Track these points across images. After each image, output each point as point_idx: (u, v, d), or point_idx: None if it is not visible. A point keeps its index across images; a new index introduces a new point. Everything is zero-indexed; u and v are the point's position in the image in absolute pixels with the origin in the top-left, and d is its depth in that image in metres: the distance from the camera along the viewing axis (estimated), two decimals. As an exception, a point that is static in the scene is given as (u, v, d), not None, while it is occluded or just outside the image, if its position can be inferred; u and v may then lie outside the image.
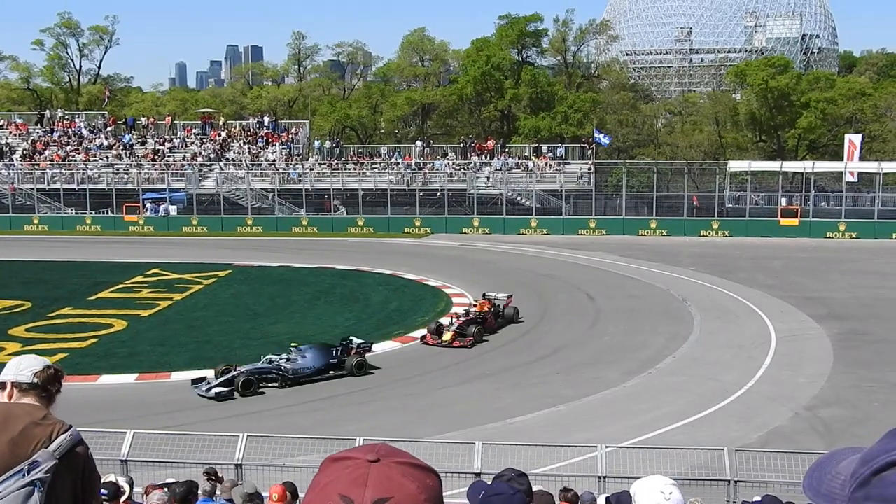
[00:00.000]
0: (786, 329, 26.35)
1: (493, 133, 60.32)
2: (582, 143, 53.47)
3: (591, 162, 50.70)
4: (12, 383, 3.38)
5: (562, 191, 48.38)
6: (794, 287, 32.75)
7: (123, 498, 7.96)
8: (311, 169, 51.75)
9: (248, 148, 54.50)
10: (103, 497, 6.74)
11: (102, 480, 7.61)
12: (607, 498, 7.84)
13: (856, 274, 35.53)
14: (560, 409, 19.43)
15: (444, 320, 26.19)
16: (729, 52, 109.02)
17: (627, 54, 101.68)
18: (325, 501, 1.51)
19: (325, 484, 1.53)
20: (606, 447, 13.42)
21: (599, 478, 12.96)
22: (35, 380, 3.39)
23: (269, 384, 20.86)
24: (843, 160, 49.14)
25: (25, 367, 3.40)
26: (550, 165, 50.64)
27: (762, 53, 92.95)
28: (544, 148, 52.83)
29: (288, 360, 21.31)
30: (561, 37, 66.22)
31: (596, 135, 51.28)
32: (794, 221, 45.76)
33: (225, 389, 20.10)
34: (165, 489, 7.47)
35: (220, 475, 10.56)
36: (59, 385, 3.51)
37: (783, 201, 47.36)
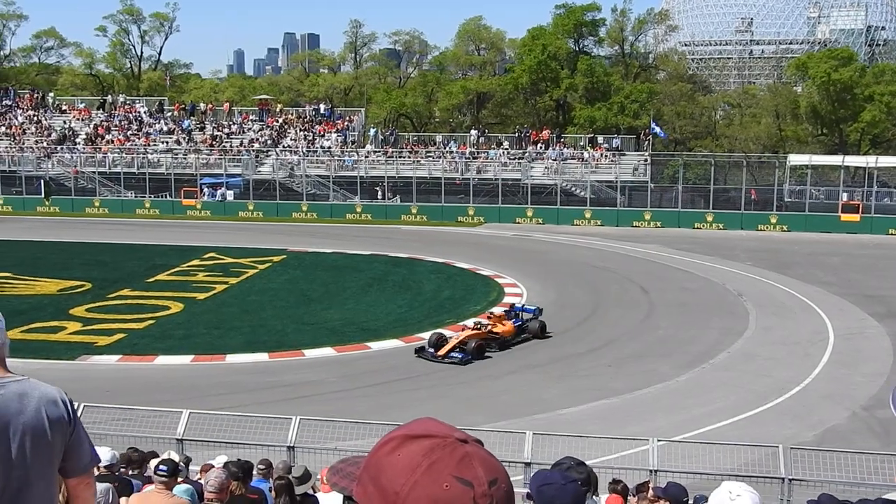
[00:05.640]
0: (844, 327, 25.83)
1: (548, 123, 59.99)
2: (638, 134, 52.92)
3: (647, 153, 50.16)
4: None
5: (617, 182, 47.95)
6: (854, 284, 32.06)
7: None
8: (366, 156, 52.04)
9: (304, 135, 54.97)
10: (162, 473, 6.90)
11: (161, 457, 7.78)
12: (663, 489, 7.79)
13: (918, 272, 34.64)
14: (611, 401, 19.32)
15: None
16: (790, 43, 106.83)
17: (686, 45, 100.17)
18: (439, 482, 1.45)
19: (429, 465, 1.47)
20: (658, 441, 13.32)
21: (651, 471, 12.87)
22: None
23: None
24: (907, 155, 47.88)
25: None
26: (606, 156, 50.21)
27: (825, 45, 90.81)
28: (600, 138, 52.39)
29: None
30: (618, 26, 65.51)
31: (652, 126, 50.73)
32: (856, 217, 44.75)
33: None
34: (223, 468, 7.60)
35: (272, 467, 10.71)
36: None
37: (844, 196, 46.31)
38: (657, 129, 50.88)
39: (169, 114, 58.40)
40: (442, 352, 21.93)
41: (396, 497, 1.47)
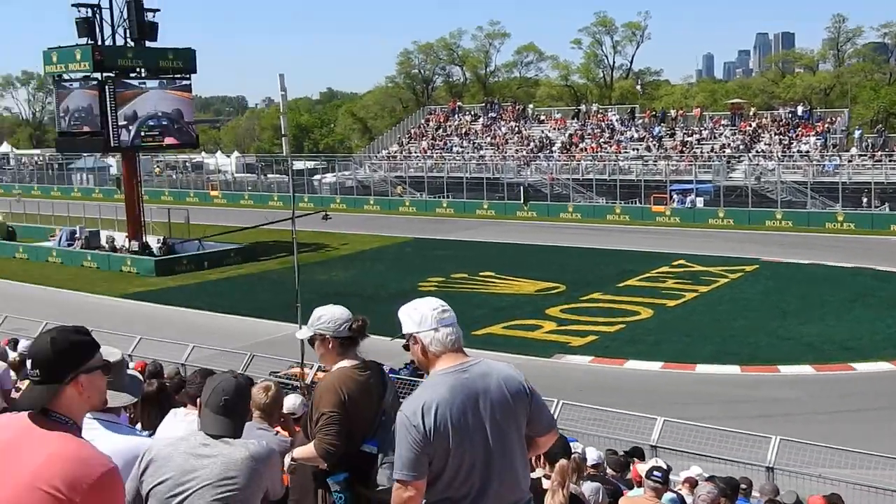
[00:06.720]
0: None
1: None
2: None
3: None
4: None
5: None
6: None
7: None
8: (850, 161, 47.92)
9: (780, 139, 52.30)
10: (656, 479, 6.80)
11: (652, 464, 7.61)
12: None
13: None
14: None
15: None
16: None
17: None
18: None
19: None
20: None
21: None
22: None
23: None
24: None
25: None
26: None
27: None
28: None
29: None
30: None
31: None
32: None
33: None
34: (714, 483, 7.24)
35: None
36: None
37: None
38: None
39: (640, 121, 59.44)
40: None
41: None
